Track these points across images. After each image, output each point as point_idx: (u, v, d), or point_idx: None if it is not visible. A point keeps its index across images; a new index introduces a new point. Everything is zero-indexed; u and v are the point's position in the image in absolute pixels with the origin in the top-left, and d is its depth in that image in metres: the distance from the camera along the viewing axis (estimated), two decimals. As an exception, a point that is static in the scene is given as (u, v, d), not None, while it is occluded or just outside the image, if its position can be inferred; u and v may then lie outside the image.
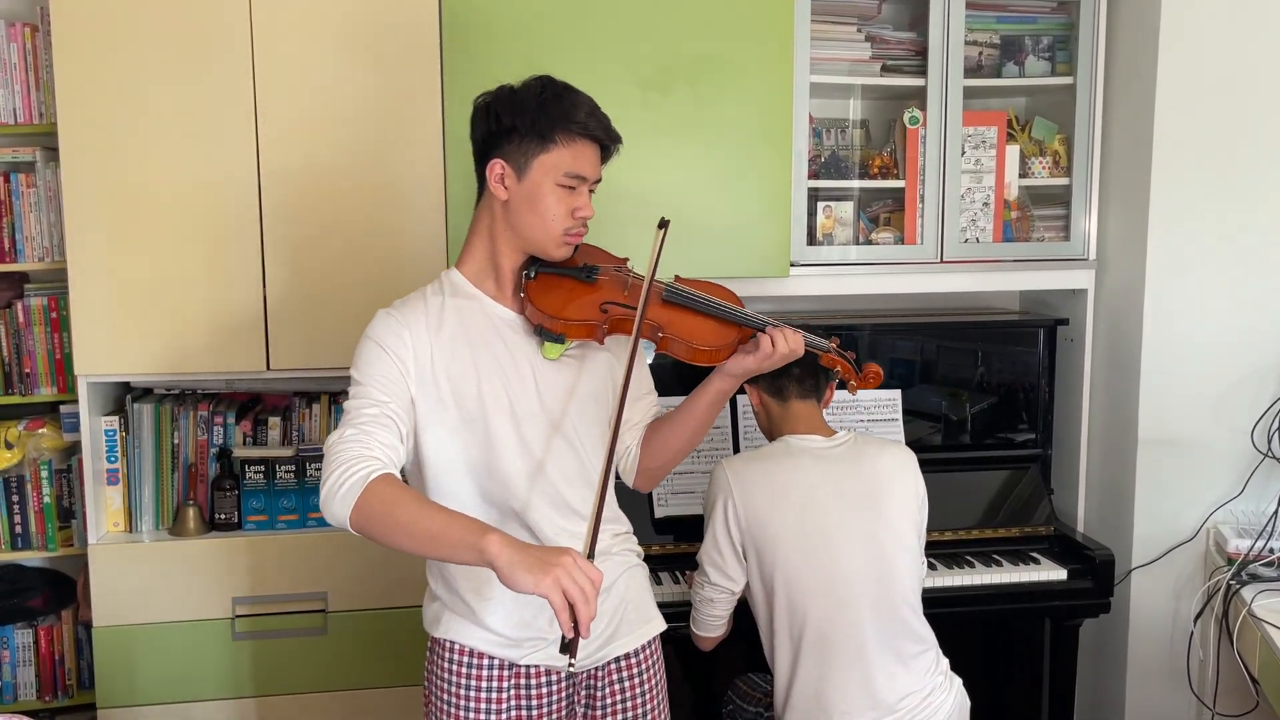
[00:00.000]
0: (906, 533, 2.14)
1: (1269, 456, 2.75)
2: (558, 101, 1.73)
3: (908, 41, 2.90)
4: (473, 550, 1.50)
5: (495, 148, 1.75)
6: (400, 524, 1.54)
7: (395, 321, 1.74)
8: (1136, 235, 2.79)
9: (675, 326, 1.81)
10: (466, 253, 1.84)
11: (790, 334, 1.81)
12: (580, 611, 1.44)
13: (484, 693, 1.81)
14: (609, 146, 1.79)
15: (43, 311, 2.71)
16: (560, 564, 1.45)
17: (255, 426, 2.69)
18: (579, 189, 1.76)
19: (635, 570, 1.94)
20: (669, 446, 1.92)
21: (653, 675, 1.93)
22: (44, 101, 2.66)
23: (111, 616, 2.49)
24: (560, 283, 1.81)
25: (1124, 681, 2.87)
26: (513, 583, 1.46)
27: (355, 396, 1.70)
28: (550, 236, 1.76)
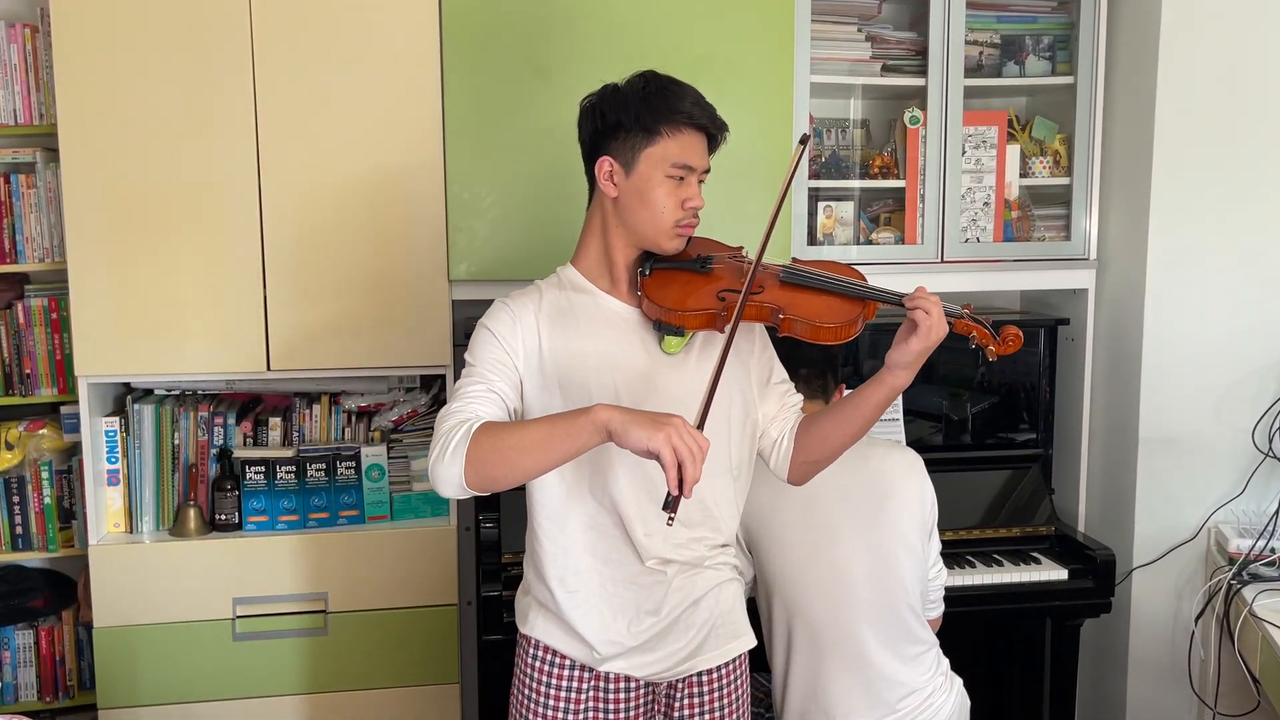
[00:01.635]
0: (909, 535, 2.14)
1: (1270, 456, 2.75)
2: (661, 94, 1.72)
3: (908, 41, 2.90)
4: (586, 427, 1.54)
5: (602, 145, 1.75)
6: (512, 447, 1.57)
7: (508, 312, 1.76)
8: (1137, 235, 2.79)
9: (795, 307, 1.76)
10: (581, 250, 1.84)
11: (934, 299, 1.72)
12: (687, 470, 1.49)
13: (564, 693, 1.81)
14: (716, 135, 1.78)
15: (43, 312, 2.71)
16: (671, 423, 1.50)
17: (256, 427, 2.69)
18: (688, 179, 1.75)
19: (730, 584, 1.88)
20: (832, 441, 1.84)
21: (734, 691, 1.89)
22: (44, 102, 2.66)
23: (112, 617, 2.49)
24: (676, 276, 1.79)
25: (1125, 681, 2.86)
26: (627, 439, 1.51)
27: (465, 377, 1.72)
28: (662, 229, 1.75)
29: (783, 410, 1.91)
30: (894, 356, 1.73)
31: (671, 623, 1.81)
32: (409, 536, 2.60)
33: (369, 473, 2.65)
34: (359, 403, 2.76)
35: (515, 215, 2.57)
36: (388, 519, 2.67)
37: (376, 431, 2.73)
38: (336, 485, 2.63)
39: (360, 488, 2.65)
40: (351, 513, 2.65)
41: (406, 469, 2.70)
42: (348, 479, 2.64)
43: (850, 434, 1.82)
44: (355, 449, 2.65)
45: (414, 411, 2.75)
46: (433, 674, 2.61)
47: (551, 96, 2.56)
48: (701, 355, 1.80)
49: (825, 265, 1.87)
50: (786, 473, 1.90)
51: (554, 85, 2.57)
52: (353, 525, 2.64)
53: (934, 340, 1.71)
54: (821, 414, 1.86)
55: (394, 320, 2.55)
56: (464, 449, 1.59)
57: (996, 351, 1.80)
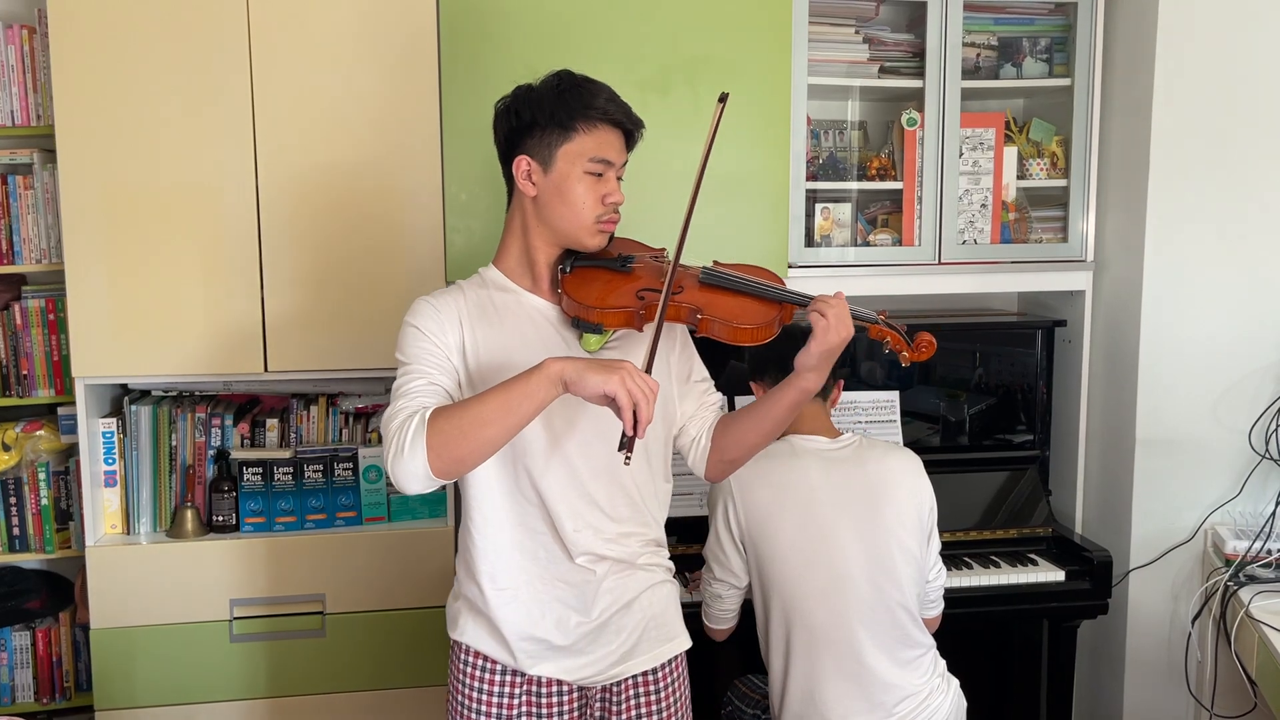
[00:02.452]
0: (907, 538, 2.14)
1: (1267, 458, 2.76)
2: (575, 91, 1.74)
3: (905, 43, 2.90)
4: (543, 382, 1.58)
5: (519, 144, 1.76)
6: (471, 422, 1.58)
7: (431, 307, 1.76)
8: (1134, 237, 2.79)
9: (714, 307, 1.79)
10: (502, 250, 1.84)
11: (835, 301, 1.77)
12: (641, 411, 1.55)
13: (496, 698, 1.82)
14: (632, 131, 1.79)
15: (40, 313, 2.71)
16: (623, 367, 1.57)
17: (253, 428, 2.69)
18: (606, 175, 1.76)
19: (663, 586, 1.89)
20: (747, 440, 1.89)
21: (674, 693, 1.89)
22: (41, 103, 2.66)
23: (109, 618, 2.49)
24: (597, 275, 1.80)
25: (1122, 682, 2.87)
26: (583, 387, 1.56)
27: (402, 375, 1.72)
28: (583, 225, 1.76)
29: (701, 409, 1.94)
30: (799, 359, 1.79)
31: (602, 625, 1.81)
32: (406, 538, 2.60)
33: (366, 474, 2.65)
34: (356, 404, 2.76)
35: (513, 216, 2.57)
36: (385, 520, 2.67)
37: (374, 433, 2.73)
38: (334, 486, 2.63)
39: (357, 489, 2.65)
40: (349, 514, 2.65)
41: (404, 470, 2.69)
42: (345, 480, 2.64)
43: (764, 434, 1.88)
44: (353, 450, 2.65)
45: (411, 413, 2.75)
46: (430, 675, 2.60)
47: (549, 98, 2.55)
48: (622, 353, 1.82)
49: (744, 268, 1.89)
50: (704, 470, 1.94)
51: (552, 87, 2.56)
52: (350, 526, 2.64)
53: (832, 343, 1.75)
54: (738, 414, 1.91)
55: (391, 321, 2.54)
56: (422, 438, 1.59)
57: (910, 357, 1.85)
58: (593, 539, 1.79)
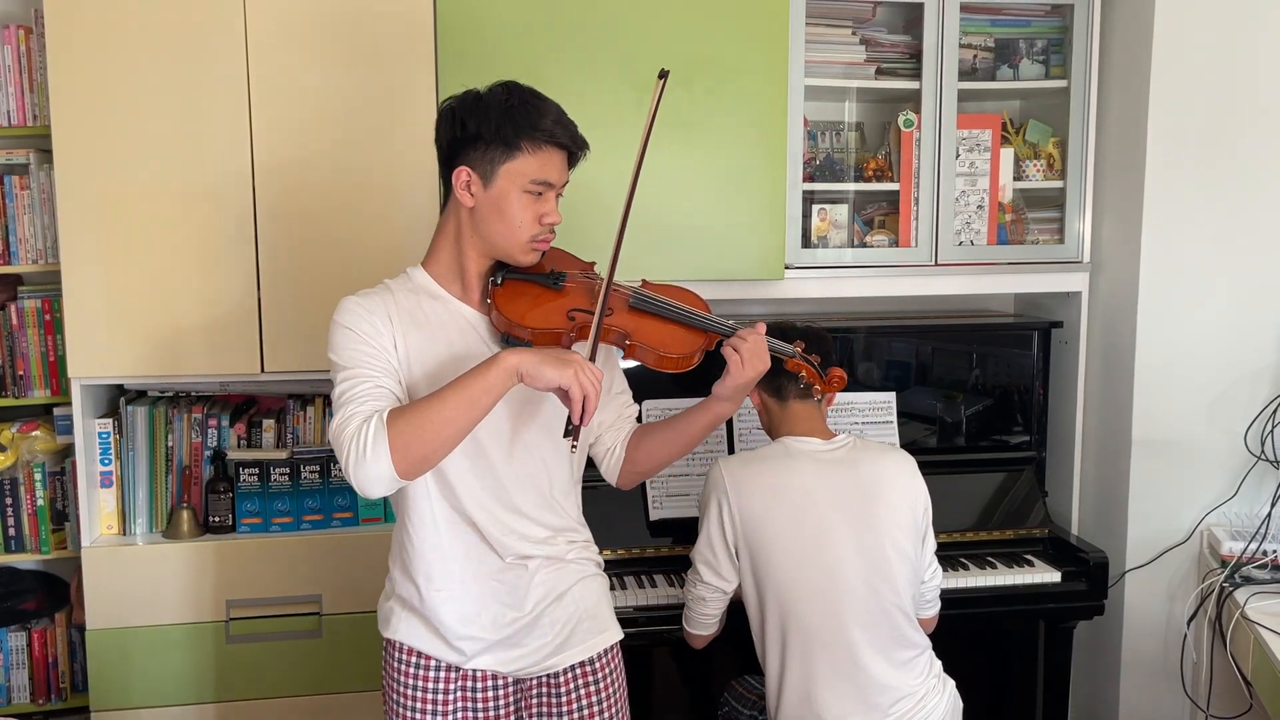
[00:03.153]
0: (902, 538, 2.14)
1: (1262, 459, 2.76)
2: (523, 108, 1.72)
3: (902, 44, 2.91)
4: (500, 375, 1.62)
5: (460, 154, 1.75)
6: (433, 422, 1.60)
7: (362, 309, 1.75)
8: (1130, 238, 2.79)
9: (642, 334, 1.82)
10: (432, 254, 1.84)
11: (752, 336, 1.83)
12: (590, 402, 1.64)
13: (431, 694, 1.82)
14: (576, 154, 1.79)
15: (36, 314, 2.70)
16: (575, 361, 1.64)
17: (250, 429, 2.68)
18: (546, 195, 1.76)
19: (592, 580, 1.92)
20: (657, 456, 1.97)
21: (611, 684, 1.92)
22: (38, 103, 2.65)
23: (105, 619, 2.49)
24: (527, 289, 1.81)
25: (1118, 683, 2.87)
26: (539, 379, 1.63)
27: (343, 380, 1.70)
28: (517, 243, 1.76)
29: (619, 420, 1.98)
30: (716, 388, 1.87)
31: (535, 617, 1.83)
32: (403, 538, 2.59)
33: (363, 475, 2.65)
34: (353, 405, 2.76)
35: (510, 217, 2.57)
36: (382, 521, 2.67)
37: (371, 433, 2.73)
38: (330, 487, 2.63)
39: (354, 490, 2.64)
40: (345, 515, 2.64)
41: (401, 471, 2.69)
42: (342, 481, 2.64)
43: (675, 452, 1.97)
44: (349, 451, 2.65)
45: (408, 413, 2.75)
46: (427, 676, 2.60)
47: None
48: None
49: (672, 291, 1.91)
50: (615, 479, 2.00)
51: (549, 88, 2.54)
52: (347, 527, 2.63)
53: (747, 377, 1.84)
54: (652, 429, 1.97)
55: (388, 322, 2.55)
56: (384, 440, 1.59)
57: (821, 390, 1.94)
58: (519, 542, 1.81)
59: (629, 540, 2.65)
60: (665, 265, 2.58)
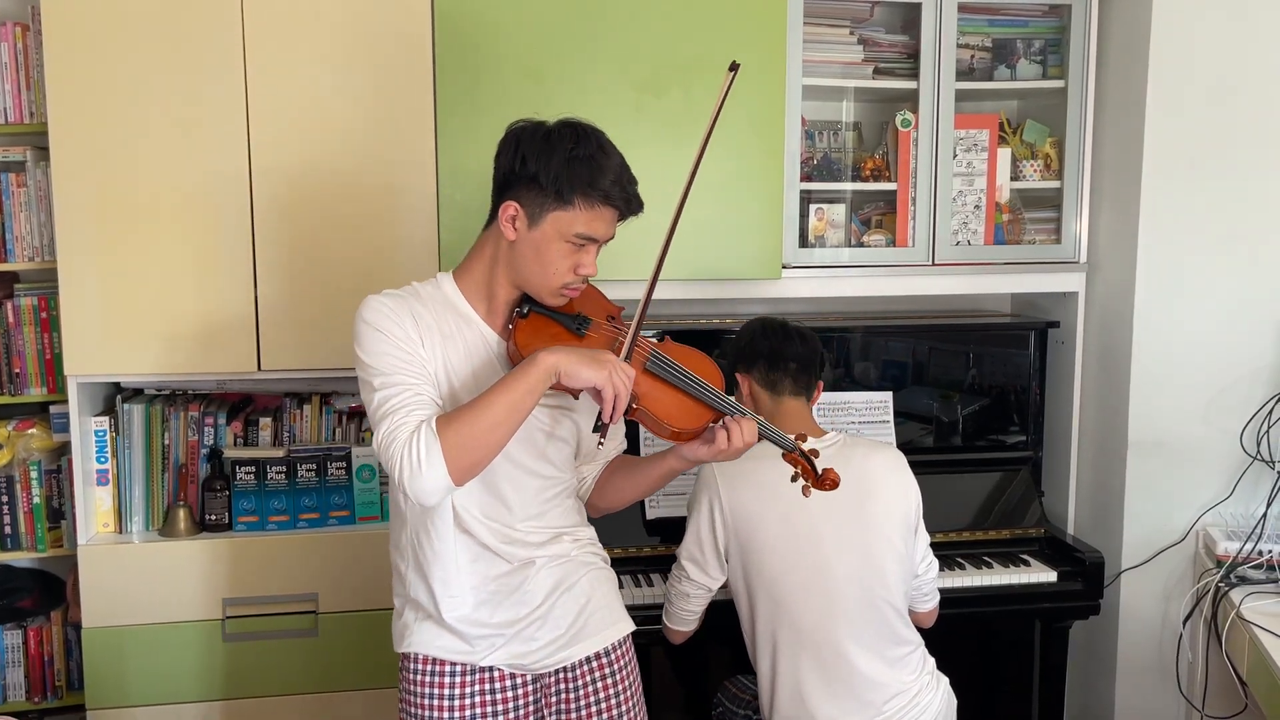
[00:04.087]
0: (893, 534, 2.14)
1: (1258, 459, 2.76)
2: (587, 163, 1.70)
3: (900, 44, 2.91)
4: (540, 377, 1.66)
5: (514, 188, 1.73)
6: (482, 429, 1.63)
7: (390, 309, 1.73)
8: (1127, 238, 2.80)
9: (651, 400, 1.78)
10: (466, 269, 1.83)
11: (749, 427, 1.80)
12: (620, 402, 1.68)
13: (448, 699, 1.82)
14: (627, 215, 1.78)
15: (32, 311, 2.70)
16: (610, 361, 1.69)
17: (246, 427, 2.68)
18: (587, 248, 1.75)
19: (600, 573, 1.94)
20: (618, 497, 2.00)
21: (627, 675, 1.93)
22: (34, 101, 2.65)
23: (101, 617, 2.48)
24: (549, 327, 1.80)
25: (1113, 683, 2.88)
26: (575, 379, 1.67)
27: (381, 389, 1.67)
28: (548, 287, 1.76)
29: (606, 456, 2.01)
30: (685, 452, 1.84)
31: (547, 610, 1.84)
32: (400, 537, 2.59)
33: (360, 473, 2.65)
34: (350, 403, 2.76)
35: (507, 216, 2.57)
36: (378, 519, 2.66)
37: (367, 432, 2.73)
38: (327, 486, 2.63)
39: (351, 488, 2.65)
40: (342, 513, 2.64)
41: (397, 470, 2.69)
42: (338, 479, 2.64)
43: (634, 496, 2.00)
44: (346, 449, 2.65)
45: (405, 412, 2.75)
46: (423, 675, 2.60)
47: (544, 97, 2.56)
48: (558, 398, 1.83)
49: (689, 356, 1.87)
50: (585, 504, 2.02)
51: (547, 86, 2.57)
52: (343, 526, 2.63)
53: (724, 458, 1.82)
54: (619, 469, 1.99)
55: (385, 321, 2.55)
56: (437, 450, 1.60)
57: (812, 487, 1.87)
58: (521, 549, 1.82)
59: (625, 539, 2.65)
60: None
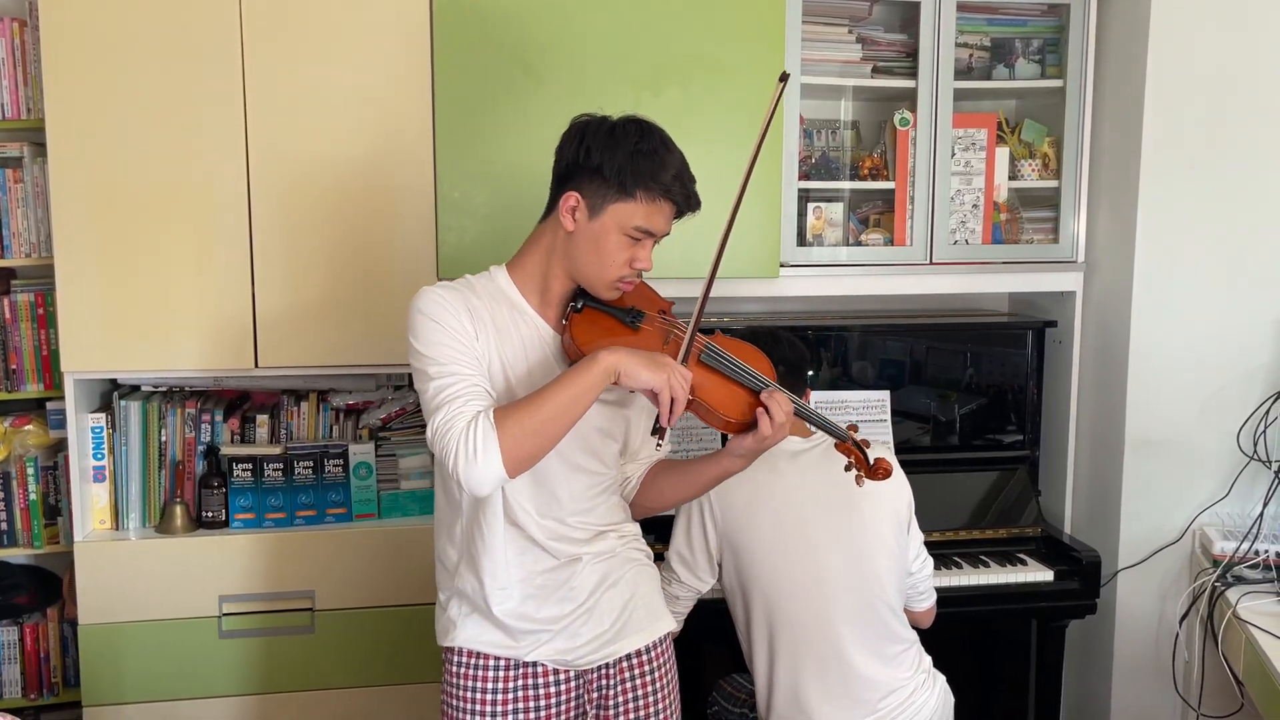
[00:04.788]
0: (885, 532, 2.14)
1: (1255, 459, 2.77)
2: (650, 158, 1.73)
3: (898, 43, 2.91)
4: (600, 375, 1.66)
5: (575, 179, 1.75)
6: (541, 421, 1.64)
7: (446, 301, 1.74)
8: (1125, 238, 2.80)
9: (705, 391, 1.81)
10: (520, 261, 1.84)
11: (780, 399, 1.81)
12: (678, 405, 1.69)
13: (492, 694, 1.83)
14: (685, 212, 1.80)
15: (29, 308, 2.70)
16: (669, 365, 1.70)
17: (243, 424, 2.68)
18: (644, 242, 1.77)
19: (644, 569, 1.96)
20: (665, 498, 1.99)
21: (664, 673, 1.94)
22: (32, 96, 2.65)
23: (97, 614, 2.48)
24: (603, 320, 1.81)
25: (1110, 682, 2.88)
26: (634, 380, 1.68)
27: (437, 378, 1.68)
28: (603, 280, 1.77)
29: (650, 458, 2.01)
30: (732, 445, 1.86)
31: (592, 606, 1.85)
32: (396, 535, 2.59)
33: (356, 471, 2.65)
34: (347, 400, 2.76)
35: (505, 215, 2.57)
36: (375, 517, 2.66)
37: (364, 429, 2.73)
38: (324, 483, 2.63)
39: (348, 486, 2.64)
40: (339, 511, 2.64)
41: (394, 467, 2.69)
42: (335, 477, 2.63)
43: (681, 498, 2.02)
44: (343, 447, 2.65)
45: (402, 410, 2.75)
46: (419, 673, 2.60)
47: (543, 96, 2.56)
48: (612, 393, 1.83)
49: (741, 349, 1.90)
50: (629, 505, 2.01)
51: (545, 85, 2.56)
52: (340, 523, 2.63)
53: (768, 445, 1.83)
54: (665, 471, 1.99)
55: (383, 318, 2.55)
56: (493, 441, 1.61)
57: (865, 477, 1.90)
58: (568, 545, 1.83)
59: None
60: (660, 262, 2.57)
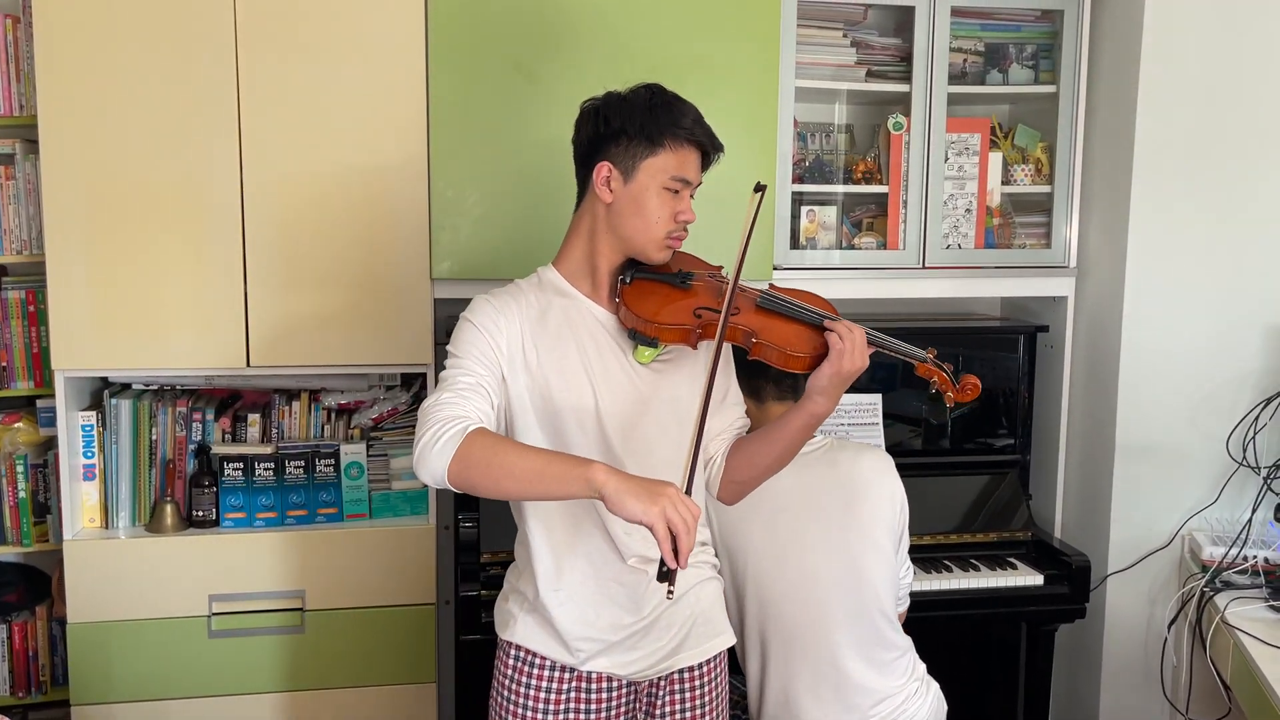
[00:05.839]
0: (880, 538, 2.14)
1: (1244, 465, 2.78)
2: (667, 109, 1.76)
3: (893, 47, 2.91)
4: (579, 480, 1.55)
5: (601, 150, 1.77)
6: (504, 465, 1.58)
7: (492, 308, 1.77)
8: (1116, 243, 2.81)
9: (769, 333, 1.80)
10: (565, 252, 1.85)
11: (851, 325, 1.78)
12: (681, 542, 1.51)
13: (543, 694, 1.83)
14: (710, 154, 1.81)
15: (20, 305, 2.69)
16: (665, 494, 1.52)
17: (235, 423, 2.67)
18: (682, 193, 1.78)
19: (709, 583, 1.93)
20: (756, 464, 1.87)
21: (714, 689, 1.92)
22: (24, 93, 2.64)
23: (86, 612, 2.48)
24: (655, 288, 1.82)
25: (1098, 686, 2.89)
26: (621, 508, 1.52)
27: (452, 368, 1.72)
28: (652, 239, 1.78)
29: (726, 429, 1.92)
30: (811, 380, 1.79)
31: (653, 621, 1.83)
32: (387, 535, 2.59)
33: (348, 470, 2.64)
34: (339, 400, 2.75)
35: (499, 215, 2.57)
36: (366, 517, 2.66)
37: (356, 429, 2.73)
38: (315, 483, 2.62)
39: (339, 485, 2.64)
40: (330, 510, 2.64)
41: (386, 467, 2.69)
42: (326, 476, 2.63)
43: (775, 457, 1.86)
44: (334, 446, 2.65)
45: (394, 410, 2.75)
46: (410, 673, 2.60)
47: (537, 97, 2.56)
48: (677, 364, 1.84)
49: (801, 295, 1.90)
50: (717, 490, 1.92)
51: (539, 86, 2.56)
52: (331, 523, 2.63)
53: (846, 369, 1.76)
54: (751, 437, 1.90)
55: (375, 318, 2.55)
56: (455, 445, 1.60)
57: (955, 398, 1.87)
58: (642, 543, 1.78)
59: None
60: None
